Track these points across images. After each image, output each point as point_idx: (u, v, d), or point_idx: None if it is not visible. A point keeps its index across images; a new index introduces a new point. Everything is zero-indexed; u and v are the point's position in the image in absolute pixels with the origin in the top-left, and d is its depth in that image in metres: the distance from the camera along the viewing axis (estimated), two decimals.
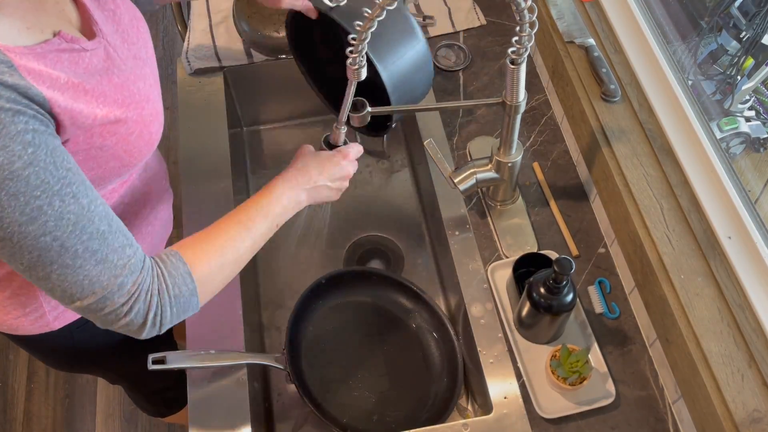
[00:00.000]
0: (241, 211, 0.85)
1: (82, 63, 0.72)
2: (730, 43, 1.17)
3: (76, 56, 0.72)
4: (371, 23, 0.78)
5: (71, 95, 0.68)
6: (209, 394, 1.02)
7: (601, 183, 1.12)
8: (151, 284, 0.73)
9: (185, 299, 0.76)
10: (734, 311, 0.91)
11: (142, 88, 0.81)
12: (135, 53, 0.83)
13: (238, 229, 0.83)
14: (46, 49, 0.68)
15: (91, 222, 0.67)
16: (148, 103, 0.81)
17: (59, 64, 0.68)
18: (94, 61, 0.74)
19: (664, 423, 0.99)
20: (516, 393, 1.01)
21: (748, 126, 1.16)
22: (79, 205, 0.66)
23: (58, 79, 0.67)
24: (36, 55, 0.66)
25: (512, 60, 0.91)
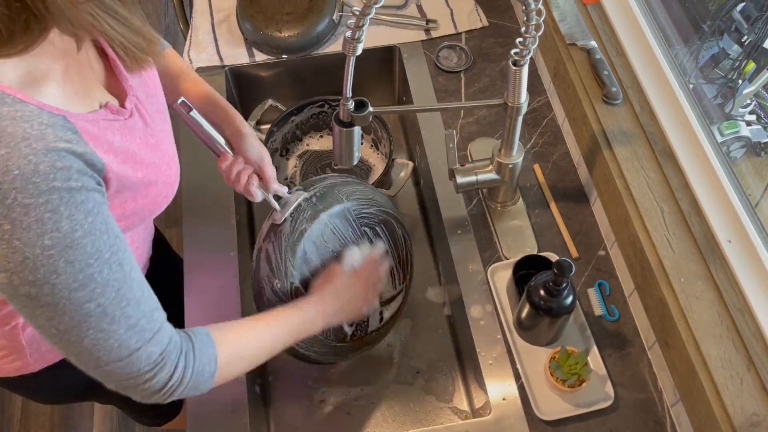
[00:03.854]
0: (277, 317, 0.89)
1: (127, 128, 0.74)
2: (731, 47, 1.17)
3: (122, 124, 0.74)
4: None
5: (122, 159, 0.70)
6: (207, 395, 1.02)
7: (601, 185, 1.12)
8: (178, 357, 0.73)
9: (203, 380, 0.77)
10: (734, 315, 0.91)
11: (169, 149, 0.83)
12: (157, 107, 0.85)
13: (265, 330, 0.86)
14: (99, 117, 0.70)
15: (131, 288, 0.68)
16: (173, 162, 0.83)
17: (110, 130, 0.71)
18: (136, 125, 0.76)
19: (662, 426, 0.99)
20: (515, 395, 1.01)
21: (748, 130, 1.16)
22: (123, 272, 0.67)
23: (111, 144, 0.69)
24: (90, 122, 0.68)
25: (515, 61, 0.91)
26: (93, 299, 0.65)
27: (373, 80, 1.47)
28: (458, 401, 1.15)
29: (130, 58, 0.75)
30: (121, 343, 0.68)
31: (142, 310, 0.70)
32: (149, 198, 0.78)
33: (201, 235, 1.17)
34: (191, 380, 0.75)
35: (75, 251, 0.62)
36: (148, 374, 0.71)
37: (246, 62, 1.40)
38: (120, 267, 0.67)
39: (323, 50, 1.41)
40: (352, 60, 0.87)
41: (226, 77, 1.38)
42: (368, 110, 0.98)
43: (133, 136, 0.75)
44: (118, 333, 0.68)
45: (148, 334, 0.70)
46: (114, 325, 0.67)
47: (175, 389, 0.74)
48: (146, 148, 0.76)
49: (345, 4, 1.45)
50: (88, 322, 0.66)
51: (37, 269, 0.61)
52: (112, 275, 0.66)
